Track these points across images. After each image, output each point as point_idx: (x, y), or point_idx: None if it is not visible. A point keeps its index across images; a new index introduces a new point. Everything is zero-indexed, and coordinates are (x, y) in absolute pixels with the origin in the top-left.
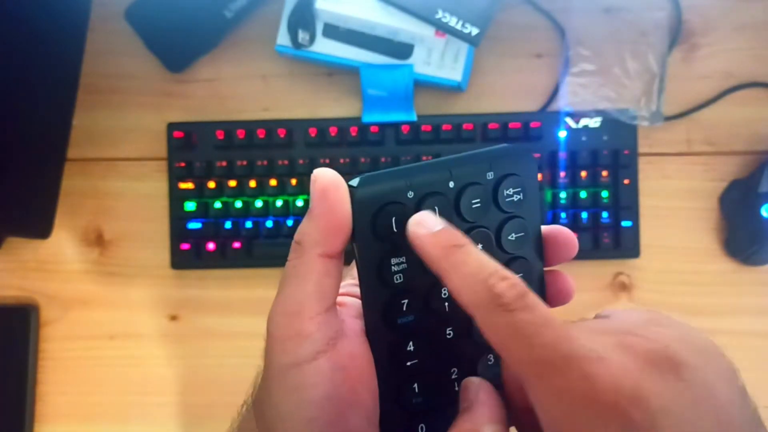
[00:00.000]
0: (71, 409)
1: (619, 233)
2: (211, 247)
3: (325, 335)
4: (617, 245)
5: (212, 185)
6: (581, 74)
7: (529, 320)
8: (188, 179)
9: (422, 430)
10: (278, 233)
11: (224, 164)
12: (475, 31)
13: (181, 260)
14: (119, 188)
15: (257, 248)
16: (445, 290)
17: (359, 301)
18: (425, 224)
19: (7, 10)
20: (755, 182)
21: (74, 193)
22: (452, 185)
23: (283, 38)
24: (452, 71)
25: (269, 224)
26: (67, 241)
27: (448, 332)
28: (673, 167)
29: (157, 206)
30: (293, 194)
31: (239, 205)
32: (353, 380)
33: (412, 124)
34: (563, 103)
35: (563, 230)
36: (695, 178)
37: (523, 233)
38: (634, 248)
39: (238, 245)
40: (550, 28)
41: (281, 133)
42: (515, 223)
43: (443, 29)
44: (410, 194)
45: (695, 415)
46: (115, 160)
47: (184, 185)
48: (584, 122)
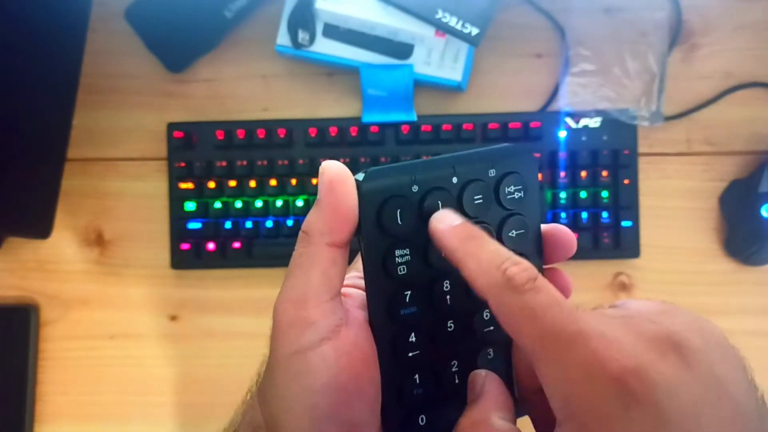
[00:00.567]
0: (71, 409)
1: (619, 233)
2: (211, 247)
3: (329, 323)
4: (617, 245)
5: (212, 185)
6: (581, 74)
7: (539, 300)
8: (188, 179)
9: (422, 421)
10: (278, 233)
11: (224, 164)
12: (475, 31)
13: (181, 260)
14: (119, 188)
15: (257, 248)
16: (446, 283)
17: (364, 293)
18: (445, 220)
19: (7, 10)
20: (755, 182)
21: (74, 193)
22: (455, 181)
23: (283, 38)
24: (452, 71)
25: (269, 224)
26: (67, 241)
27: (449, 325)
28: (673, 167)
29: (157, 206)
30: (293, 194)
31: (239, 205)
32: (356, 369)
33: (412, 124)
34: (563, 103)
35: (562, 229)
36: (695, 178)
37: (523, 230)
38: (634, 248)
39: (238, 245)
40: (550, 28)
41: (281, 133)
42: (516, 220)
43: (443, 29)
44: (415, 188)
45: (698, 395)
46: (115, 160)
47: (184, 185)
48: (584, 122)
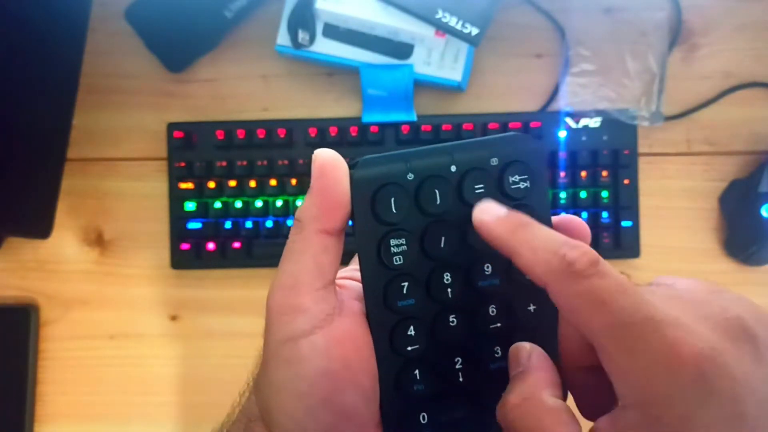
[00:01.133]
0: (71, 409)
1: (619, 233)
2: (211, 247)
3: (321, 310)
4: (617, 245)
5: (212, 185)
6: (581, 74)
7: (604, 286)
8: (188, 179)
9: (423, 419)
10: (278, 233)
11: (224, 164)
12: (475, 31)
13: (181, 260)
14: (119, 188)
15: (257, 248)
16: (447, 275)
17: (360, 284)
18: (490, 211)
19: (7, 10)
20: (755, 182)
21: (74, 193)
22: (454, 169)
23: (283, 38)
24: (452, 71)
25: (269, 224)
26: (67, 241)
27: (451, 319)
28: (673, 167)
29: (157, 206)
30: (293, 194)
31: (239, 205)
32: (349, 358)
33: (412, 124)
34: (563, 103)
35: (575, 219)
36: (695, 178)
37: None
38: (634, 248)
39: (238, 245)
40: (550, 28)
41: (281, 133)
42: (523, 210)
43: (443, 29)
44: (410, 176)
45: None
46: (115, 160)
47: (184, 185)
48: (584, 122)
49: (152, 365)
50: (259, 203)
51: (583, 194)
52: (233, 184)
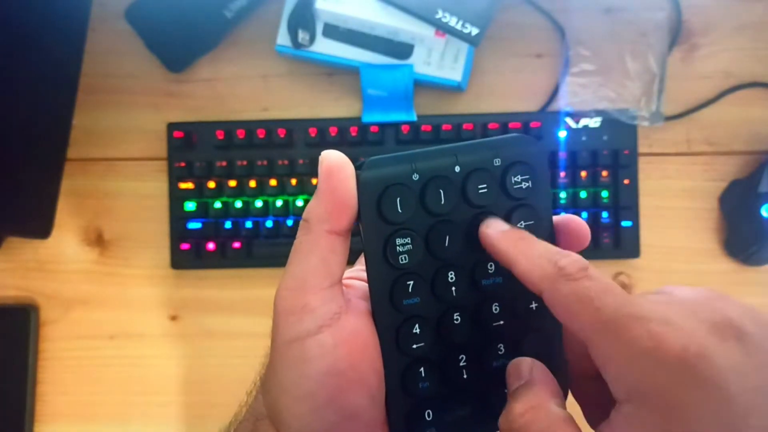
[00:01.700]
0: (71, 409)
1: (619, 233)
2: (211, 247)
3: (328, 310)
4: (617, 245)
5: (212, 185)
6: (581, 74)
7: (592, 286)
8: (188, 179)
9: (428, 416)
10: (278, 233)
11: (224, 164)
12: (475, 31)
13: (181, 260)
14: (119, 188)
15: (257, 248)
16: (451, 274)
17: (366, 284)
18: (494, 226)
19: (7, 10)
20: (755, 182)
21: (74, 193)
22: (458, 170)
23: (283, 38)
24: (452, 71)
25: (269, 224)
26: (67, 241)
27: (456, 317)
28: (673, 167)
29: (157, 206)
30: (293, 194)
31: (239, 205)
32: (355, 357)
33: (412, 124)
34: (563, 103)
35: (575, 219)
36: (695, 178)
37: (533, 221)
38: (634, 248)
39: (238, 245)
40: (550, 28)
41: (281, 133)
42: (525, 210)
43: (443, 29)
44: (415, 177)
45: (759, 379)
46: (115, 160)
47: (184, 185)
48: (584, 122)
49: (152, 365)
50: (259, 203)
51: (583, 194)
52: (233, 184)
